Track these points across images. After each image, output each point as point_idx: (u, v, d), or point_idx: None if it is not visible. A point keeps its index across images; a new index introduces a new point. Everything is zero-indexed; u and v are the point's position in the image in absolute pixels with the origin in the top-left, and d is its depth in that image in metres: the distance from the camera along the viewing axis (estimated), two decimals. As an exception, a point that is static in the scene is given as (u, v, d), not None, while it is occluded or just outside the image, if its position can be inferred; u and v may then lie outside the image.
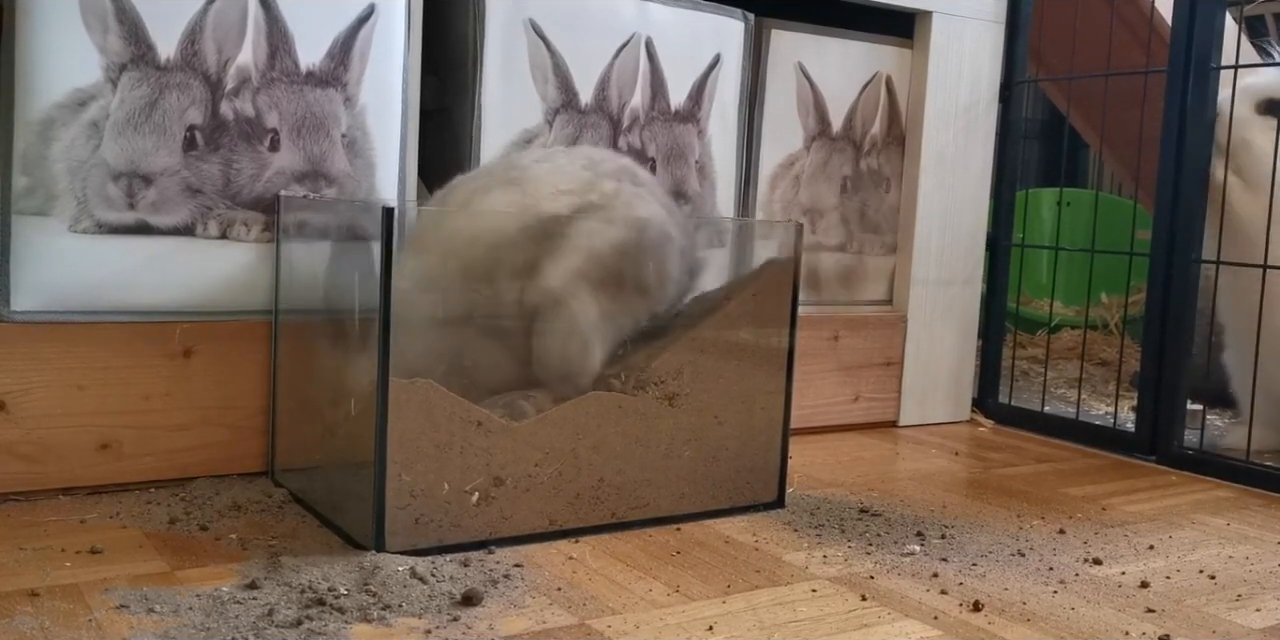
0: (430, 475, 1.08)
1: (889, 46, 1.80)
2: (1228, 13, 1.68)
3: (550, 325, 1.17)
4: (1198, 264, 1.63)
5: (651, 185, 1.26)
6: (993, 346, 1.94)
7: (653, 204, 1.21)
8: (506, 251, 1.16)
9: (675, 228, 1.23)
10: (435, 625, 0.92)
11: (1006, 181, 1.92)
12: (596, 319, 1.17)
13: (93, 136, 1.21)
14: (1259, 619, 1.03)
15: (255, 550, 1.08)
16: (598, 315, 1.17)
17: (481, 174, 1.24)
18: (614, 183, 1.20)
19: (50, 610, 0.91)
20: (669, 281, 1.22)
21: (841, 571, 1.10)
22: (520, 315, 1.18)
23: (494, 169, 1.23)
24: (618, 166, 1.23)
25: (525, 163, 1.22)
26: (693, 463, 1.25)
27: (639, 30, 1.53)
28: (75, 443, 1.22)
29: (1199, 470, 1.60)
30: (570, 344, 1.17)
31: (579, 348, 1.17)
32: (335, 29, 1.33)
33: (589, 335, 1.17)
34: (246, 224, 1.30)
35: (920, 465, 1.59)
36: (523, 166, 1.21)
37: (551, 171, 1.20)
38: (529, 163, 1.22)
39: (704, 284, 1.30)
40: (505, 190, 1.19)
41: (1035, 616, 1.01)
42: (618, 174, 1.21)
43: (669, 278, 1.22)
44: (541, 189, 1.18)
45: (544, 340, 1.18)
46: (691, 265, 1.26)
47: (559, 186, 1.18)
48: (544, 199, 1.17)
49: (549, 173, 1.19)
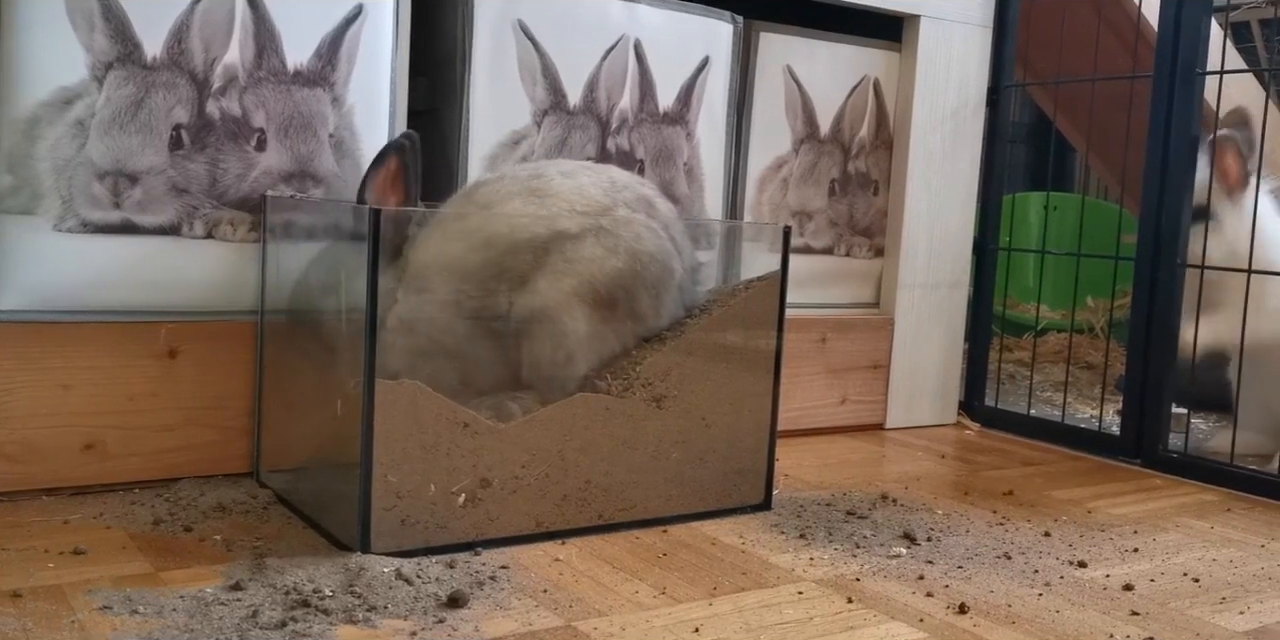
0: (417, 476, 1.08)
1: (877, 50, 1.81)
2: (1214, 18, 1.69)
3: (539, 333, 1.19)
4: (1183, 268, 1.64)
5: (669, 217, 1.27)
6: (979, 349, 1.95)
7: (661, 238, 1.23)
8: (514, 257, 1.18)
9: (678, 262, 1.24)
10: (420, 627, 0.92)
11: (994, 185, 1.93)
12: (585, 336, 1.19)
13: (78, 135, 1.20)
14: (1242, 622, 1.04)
15: (240, 551, 1.07)
16: (586, 332, 1.19)
17: (506, 177, 1.25)
18: (627, 212, 1.21)
19: (33, 611, 0.91)
20: (663, 314, 1.24)
21: (828, 574, 1.11)
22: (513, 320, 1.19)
23: (520, 175, 1.24)
24: (637, 196, 1.24)
25: (551, 173, 1.23)
26: (680, 465, 1.25)
27: (628, 32, 1.54)
28: (60, 443, 1.21)
29: (1183, 473, 1.60)
30: (556, 354, 1.19)
31: (564, 358, 1.19)
32: (323, 29, 1.32)
33: (574, 349, 1.19)
34: (233, 224, 1.30)
35: (907, 468, 1.60)
36: (547, 177, 1.22)
37: (573, 190, 1.21)
38: (554, 174, 1.23)
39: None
40: (526, 199, 1.20)
41: (1020, 619, 1.01)
42: (635, 203, 1.23)
43: (664, 311, 1.24)
44: (559, 205, 1.19)
45: (531, 345, 1.20)
46: (689, 299, 1.28)
47: (576, 206, 1.20)
48: (558, 215, 1.19)
49: (571, 190, 1.21)
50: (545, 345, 1.19)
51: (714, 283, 1.36)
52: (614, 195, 1.22)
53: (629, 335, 1.22)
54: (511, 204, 1.20)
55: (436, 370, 1.15)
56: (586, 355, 1.20)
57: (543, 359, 1.19)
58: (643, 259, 1.20)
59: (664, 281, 1.23)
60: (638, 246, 1.20)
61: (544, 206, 1.19)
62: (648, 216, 1.23)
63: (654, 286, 1.22)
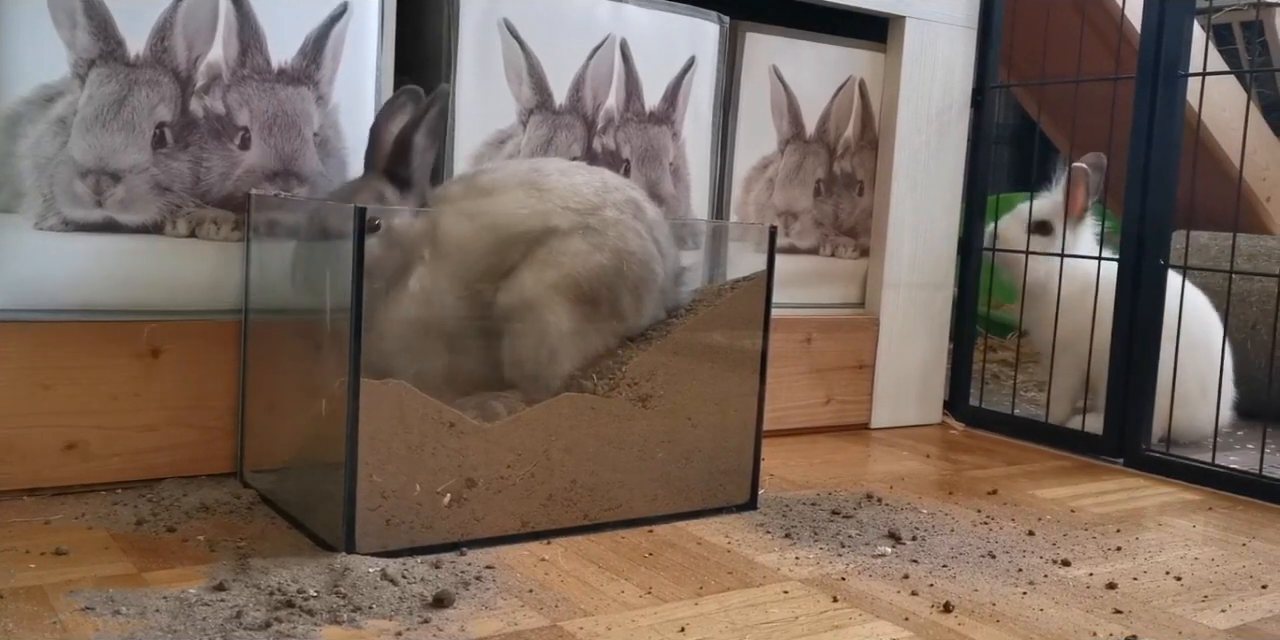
0: (402, 476, 1.08)
1: (863, 51, 1.81)
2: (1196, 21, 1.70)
3: (521, 328, 1.20)
4: (1165, 268, 1.65)
5: (655, 221, 1.29)
6: (963, 350, 1.96)
7: (645, 239, 1.25)
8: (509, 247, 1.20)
9: (660, 265, 1.27)
10: (406, 627, 0.91)
11: (978, 186, 1.93)
12: (567, 332, 1.20)
13: (60, 133, 1.19)
14: (1224, 620, 1.04)
15: (223, 552, 1.07)
16: (569, 328, 1.20)
17: (507, 168, 1.28)
18: (616, 213, 1.24)
19: (14, 612, 0.90)
20: (645, 314, 1.26)
21: (813, 573, 1.11)
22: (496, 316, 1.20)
23: (519, 168, 1.27)
24: (626, 198, 1.27)
25: (549, 169, 1.26)
26: (666, 464, 1.25)
27: (614, 32, 1.53)
28: (41, 443, 1.20)
29: (1166, 473, 1.61)
30: (539, 351, 1.20)
31: (547, 355, 1.20)
32: (307, 27, 1.32)
33: (557, 345, 1.20)
34: (216, 222, 1.29)
35: (891, 467, 1.60)
36: (545, 172, 1.26)
37: (568, 187, 1.24)
38: (552, 170, 1.26)
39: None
40: (525, 191, 1.23)
41: (1004, 617, 1.01)
42: (623, 205, 1.25)
43: (645, 311, 1.26)
44: (555, 201, 1.22)
45: (514, 342, 1.20)
46: (671, 301, 1.30)
47: (569, 203, 1.22)
48: (553, 211, 1.21)
49: (566, 188, 1.24)
50: (528, 342, 1.20)
51: (700, 283, 1.36)
52: (604, 196, 1.25)
53: (611, 334, 1.24)
54: (513, 194, 1.22)
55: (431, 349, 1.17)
56: (570, 353, 1.21)
57: (526, 357, 1.20)
58: (626, 258, 1.22)
59: (646, 282, 1.24)
60: (622, 245, 1.22)
61: (541, 200, 1.22)
62: (634, 218, 1.25)
63: (636, 286, 1.23)
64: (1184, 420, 1.71)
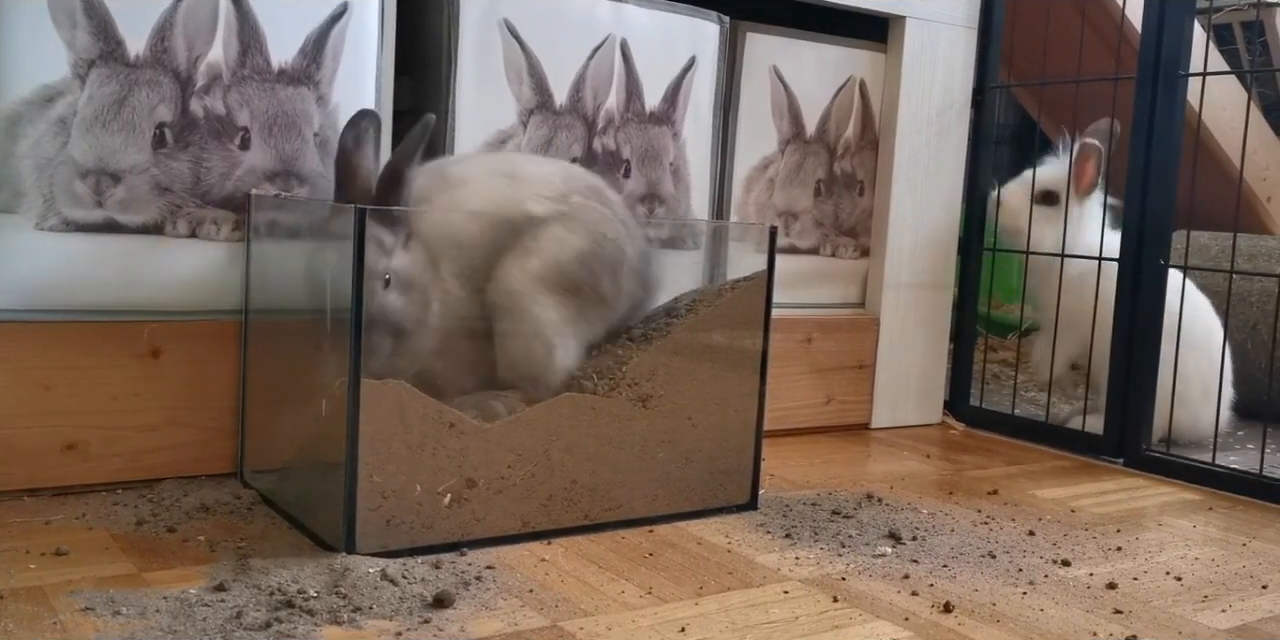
0: (402, 476, 1.08)
1: (863, 51, 1.81)
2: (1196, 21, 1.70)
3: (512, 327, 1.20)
4: (1166, 268, 1.65)
5: (618, 206, 1.32)
6: (964, 350, 1.96)
7: (615, 223, 1.27)
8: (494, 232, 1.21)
9: (630, 246, 1.28)
10: (406, 627, 0.91)
11: (978, 186, 1.93)
12: (558, 322, 1.20)
13: (60, 133, 1.19)
14: (1224, 620, 1.04)
15: (224, 552, 1.07)
16: (559, 318, 1.20)
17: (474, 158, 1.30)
18: (582, 199, 1.26)
19: (14, 613, 0.90)
20: (621, 294, 1.27)
21: (814, 573, 1.11)
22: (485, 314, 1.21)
23: (490, 159, 1.30)
24: (588, 185, 1.29)
25: (519, 160, 1.30)
26: (666, 464, 1.25)
27: (614, 32, 1.53)
28: (41, 443, 1.20)
29: (1166, 473, 1.61)
30: (535, 350, 1.20)
31: (542, 351, 1.20)
32: (308, 27, 1.32)
33: (551, 338, 1.20)
34: (216, 223, 1.29)
35: (892, 467, 1.60)
36: (517, 163, 1.29)
37: (538, 177, 1.26)
38: (522, 160, 1.30)
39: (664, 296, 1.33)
40: (500, 180, 1.24)
41: (1005, 617, 1.01)
42: (587, 192, 1.28)
43: (621, 290, 1.26)
44: (527, 189, 1.24)
45: (507, 342, 1.20)
46: (645, 280, 1.31)
47: (541, 191, 1.24)
48: (528, 198, 1.23)
49: (537, 177, 1.26)
50: (523, 341, 1.20)
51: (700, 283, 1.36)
52: (569, 183, 1.27)
53: (598, 320, 1.24)
54: (488, 183, 1.23)
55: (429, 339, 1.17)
56: (566, 343, 1.21)
57: (519, 357, 1.20)
58: (601, 241, 1.24)
59: (619, 263, 1.26)
60: (596, 229, 1.24)
61: (515, 188, 1.23)
62: (600, 204, 1.27)
63: (613, 268, 1.25)
64: (1184, 420, 1.71)
